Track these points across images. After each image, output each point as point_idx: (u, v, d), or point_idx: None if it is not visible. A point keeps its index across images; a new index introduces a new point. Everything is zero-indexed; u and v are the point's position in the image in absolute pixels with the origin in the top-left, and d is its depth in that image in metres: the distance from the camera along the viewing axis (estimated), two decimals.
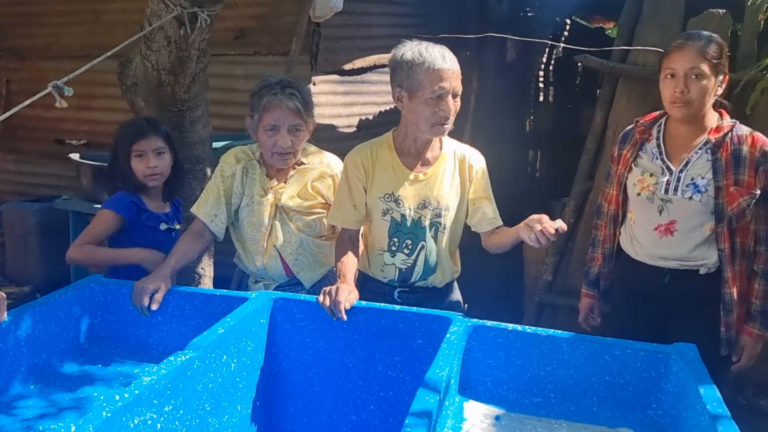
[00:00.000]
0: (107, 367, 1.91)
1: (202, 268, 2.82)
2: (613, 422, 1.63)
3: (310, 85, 4.10)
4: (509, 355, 1.74)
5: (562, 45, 5.12)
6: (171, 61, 2.55)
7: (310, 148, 2.28)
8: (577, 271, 3.31)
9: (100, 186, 3.58)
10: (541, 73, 7.31)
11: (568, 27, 7.09)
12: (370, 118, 4.70)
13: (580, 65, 4.37)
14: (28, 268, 4.56)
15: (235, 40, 4.41)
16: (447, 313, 1.83)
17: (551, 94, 7.48)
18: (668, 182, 2.06)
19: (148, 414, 1.39)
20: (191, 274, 2.76)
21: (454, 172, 2.12)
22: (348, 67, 4.49)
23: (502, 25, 5.39)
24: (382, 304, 1.91)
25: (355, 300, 1.88)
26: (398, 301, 2.10)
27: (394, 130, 2.15)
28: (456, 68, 1.97)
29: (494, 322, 1.78)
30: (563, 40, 6.26)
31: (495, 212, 2.15)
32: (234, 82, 4.32)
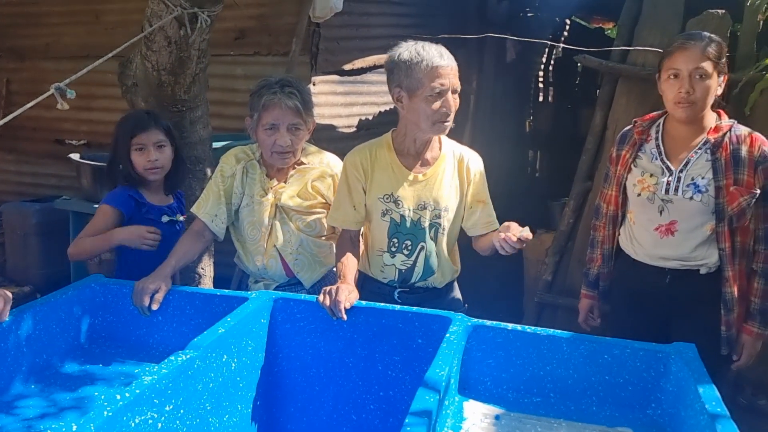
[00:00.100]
0: (108, 366, 1.91)
1: (202, 268, 2.83)
2: (613, 422, 1.63)
3: (310, 86, 4.10)
4: (509, 355, 1.74)
5: (562, 45, 5.12)
6: (171, 61, 2.55)
7: (310, 148, 2.28)
8: (577, 271, 3.31)
9: (100, 186, 3.58)
10: (541, 74, 7.32)
11: (568, 27, 7.09)
12: (370, 118, 4.70)
13: (579, 65, 4.37)
14: (28, 268, 4.55)
15: (235, 40, 4.42)
16: (447, 313, 1.83)
17: (551, 94, 7.48)
18: (668, 182, 2.06)
19: (149, 413, 1.39)
20: (191, 274, 2.77)
21: (454, 172, 2.12)
22: (348, 67, 4.50)
23: (502, 26, 5.39)
24: (382, 304, 1.91)
25: (355, 300, 1.88)
26: (398, 301, 2.10)
27: (393, 130, 2.15)
28: (454, 65, 1.98)
29: (494, 322, 1.78)
30: (563, 41, 6.26)
31: (491, 215, 2.15)
32: (234, 83, 4.32)
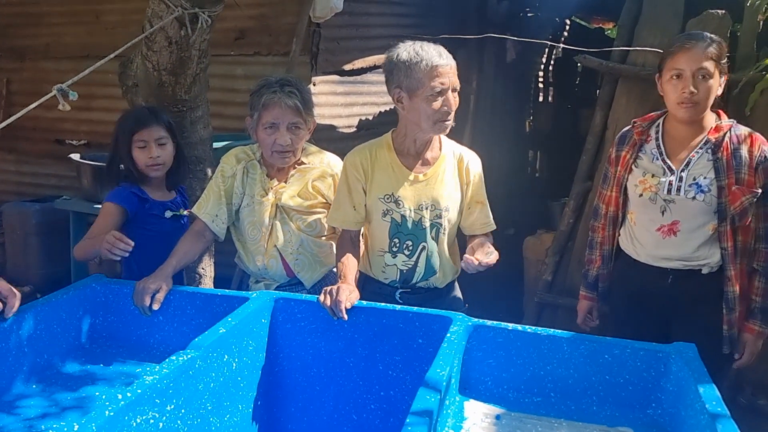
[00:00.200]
0: (109, 366, 1.91)
1: (203, 268, 2.82)
2: (613, 421, 1.63)
3: (310, 86, 4.10)
4: (509, 355, 1.74)
5: (562, 45, 5.12)
6: (172, 61, 2.55)
7: (311, 147, 2.28)
8: (577, 271, 3.31)
9: (100, 186, 3.58)
10: (541, 74, 7.31)
11: (568, 27, 7.09)
12: (370, 118, 4.70)
13: (579, 65, 4.37)
14: (28, 268, 4.55)
15: (235, 40, 4.41)
16: (447, 313, 1.83)
17: (551, 94, 7.48)
18: (670, 182, 2.06)
19: (150, 413, 1.40)
20: (192, 274, 2.77)
21: (454, 172, 2.13)
22: (348, 67, 4.49)
23: (502, 26, 5.38)
24: (383, 304, 1.91)
25: (355, 300, 1.88)
26: (400, 301, 2.10)
27: (393, 130, 2.15)
28: (453, 63, 1.99)
29: (494, 322, 1.78)
30: (563, 41, 6.26)
31: (488, 216, 2.16)
32: (234, 83, 4.32)
